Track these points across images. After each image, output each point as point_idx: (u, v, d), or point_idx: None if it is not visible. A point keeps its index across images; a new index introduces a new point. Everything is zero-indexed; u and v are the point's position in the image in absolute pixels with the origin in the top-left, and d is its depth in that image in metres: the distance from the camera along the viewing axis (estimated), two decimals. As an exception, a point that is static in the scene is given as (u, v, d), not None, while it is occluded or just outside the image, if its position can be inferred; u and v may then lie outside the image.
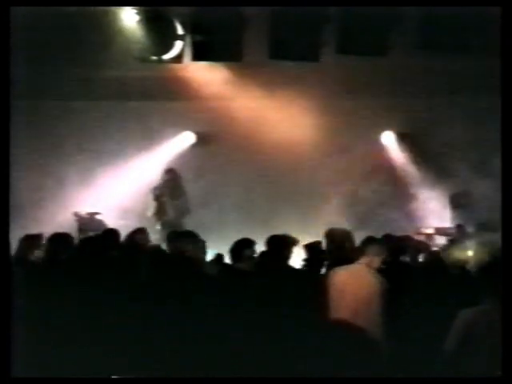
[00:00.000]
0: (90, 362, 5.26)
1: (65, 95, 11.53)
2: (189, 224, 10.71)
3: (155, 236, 10.12)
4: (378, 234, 7.51)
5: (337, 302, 6.31)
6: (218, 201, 12.13)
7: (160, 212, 11.53)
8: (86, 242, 7.36)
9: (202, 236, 7.49)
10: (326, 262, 7.31)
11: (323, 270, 7.18)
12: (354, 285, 6.36)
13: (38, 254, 7.14)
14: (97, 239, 7.68)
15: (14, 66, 5.67)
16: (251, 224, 10.67)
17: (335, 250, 7.59)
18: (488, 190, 10.59)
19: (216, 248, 7.90)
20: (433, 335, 5.66)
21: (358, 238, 7.32)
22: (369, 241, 6.80)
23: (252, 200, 12.16)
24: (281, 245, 6.88)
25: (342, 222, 9.56)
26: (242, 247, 6.83)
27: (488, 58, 8.88)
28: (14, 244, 7.19)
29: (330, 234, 7.92)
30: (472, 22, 9.19)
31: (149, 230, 8.88)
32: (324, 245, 7.71)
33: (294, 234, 7.29)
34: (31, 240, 7.40)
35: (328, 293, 6.38)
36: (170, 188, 11.64)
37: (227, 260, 7.31)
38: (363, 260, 6.51)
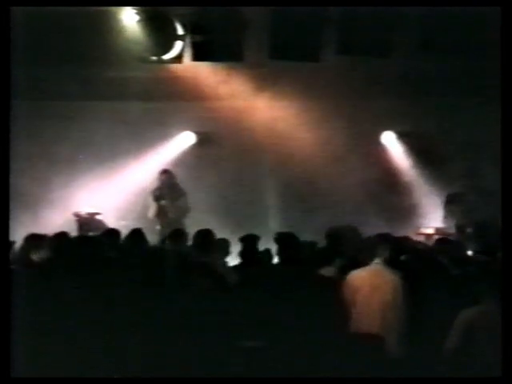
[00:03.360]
0: (90, 362, 5.26)
1: (65, 95, 11.51)
2: (192, 224, 10.66)
3: (156, 236, 10.11)
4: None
5: (364, 306, 6.13)
6: (216, 201, 12.11)
7: (160, 213, 11.53)
8: (87, 241, 7.31)
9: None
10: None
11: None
12: (381, 287, 6.19)
13: (41, 254, 7.10)
14: (98, 239, 7.64)
15: (14, 66, 5.67)
16: (250, 223, 10.65)
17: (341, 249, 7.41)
18: (487, 190, 10.63)
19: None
20: (433, 335, 5.67)
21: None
22: (381, 238, 6.73)
23: (251, 200, 12.16)
24: (291, 243, 6.73)
25: (341, 222, 9.52)
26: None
27: (488, 59, 8.90)
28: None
29: (335, 232, 7.80)
30: (472, 22, 9.20)
31: (149, 231, 8.88)
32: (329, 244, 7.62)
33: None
34: (34, 240, 7.37)
35: (351, 297, 6.21)
36: (169, 189, 11.64)
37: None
38: (379, 259, 6.40)
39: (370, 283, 6.24)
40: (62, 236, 7.58)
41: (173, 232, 8.42)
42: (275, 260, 7.00)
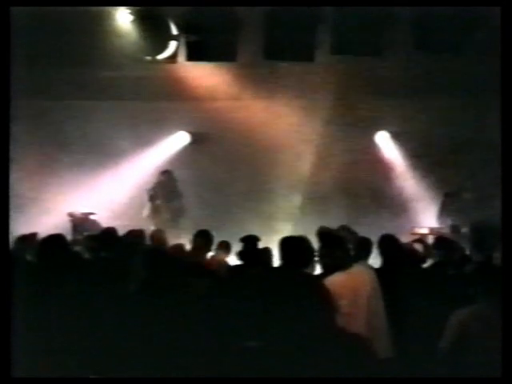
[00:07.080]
0: (90, 363, 5.25)
1: (59, 95, 11.48)
2: (188, 224, 10.65)
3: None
4: (371, 235, 7.49)
5: (349, 312, 6.10)
6: (214, 201, 12.11)
7: (155, 213, 11.52)
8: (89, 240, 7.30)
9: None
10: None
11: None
12: (367, 290, 6.16)
13: (33, 253, 7.08)
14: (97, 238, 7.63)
15: (14, 66, 5.66)
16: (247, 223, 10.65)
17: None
18: (483, 190, 10.66)
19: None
20: (427, 335, 5.68)
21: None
22: (367, 241, 6.74)
23: (248, 200, 12.16)
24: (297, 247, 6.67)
25: (335, 223, 9.53)
26: None
27: (486, 58, 8.93)
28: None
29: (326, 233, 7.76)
30: (470, 22, 9.24)
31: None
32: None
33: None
34: (28, 240, 7.36)
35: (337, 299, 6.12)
36: (165, 189, 11.64)
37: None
38: (363, 261, 6.40)
39: (352, 287, 6.20)
40: (56, 237, 7.55)
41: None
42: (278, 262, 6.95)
